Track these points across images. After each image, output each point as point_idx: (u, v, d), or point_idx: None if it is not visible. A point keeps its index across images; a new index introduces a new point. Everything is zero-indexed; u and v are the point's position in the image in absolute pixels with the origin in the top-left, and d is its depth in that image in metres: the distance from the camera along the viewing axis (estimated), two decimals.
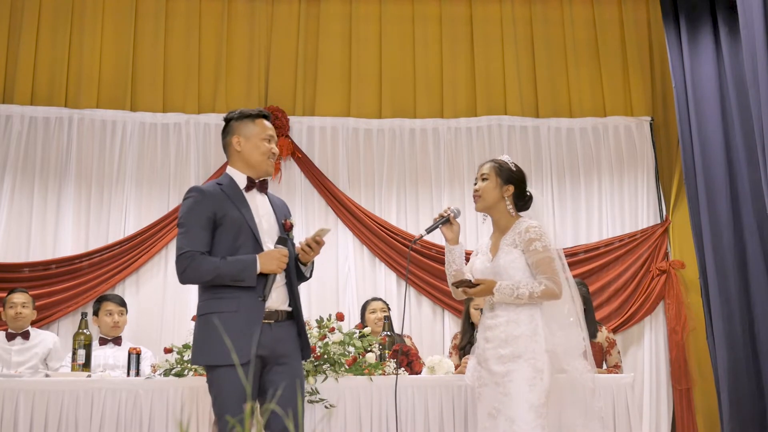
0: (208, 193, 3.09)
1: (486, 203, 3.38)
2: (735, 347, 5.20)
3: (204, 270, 2.99)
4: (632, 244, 5.92)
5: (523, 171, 3.45)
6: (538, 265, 3.23)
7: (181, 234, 3.05)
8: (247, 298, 3.00)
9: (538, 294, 3.19)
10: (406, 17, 6.29)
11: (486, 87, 6.22)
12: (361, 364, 3.90)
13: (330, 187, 5.90)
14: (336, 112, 6.08)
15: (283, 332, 3.10)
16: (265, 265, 3.01)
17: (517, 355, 3.16)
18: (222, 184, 3.15)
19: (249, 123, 3.21)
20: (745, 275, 5.30)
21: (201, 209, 3.05)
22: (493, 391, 3.21)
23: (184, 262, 3.00)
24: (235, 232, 3.05)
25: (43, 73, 5.87)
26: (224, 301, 3.00)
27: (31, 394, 3.68)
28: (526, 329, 3.20)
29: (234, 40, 6.13)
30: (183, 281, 3.06)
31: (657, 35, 6.31)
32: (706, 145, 5.53)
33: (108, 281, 5.54)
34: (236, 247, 3.04)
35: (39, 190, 5.68)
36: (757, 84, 4.51)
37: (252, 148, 3.18)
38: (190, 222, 3.04)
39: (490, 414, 3.20)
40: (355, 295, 5.75)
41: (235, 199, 3.11)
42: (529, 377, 3.13)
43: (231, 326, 2.94)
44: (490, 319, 3.30)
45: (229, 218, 3.05)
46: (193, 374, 3.84)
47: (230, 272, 2.98)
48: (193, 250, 3.00)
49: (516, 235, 3.29)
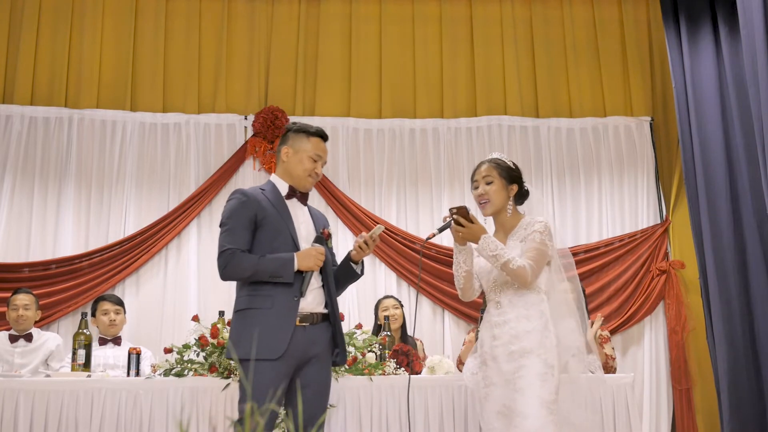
0: (251, 195, 3.21)
1: (495, 207, 3.31)
2: (735, 347, 5.20)
3: (244, 266, 3.09)
4: (632, 244, 5.92)
5: (519, 167, 3.40)
6: (529, 251, 3.17)
7: (224, 233, 3.17)
8: (283, 296, 3.10)
9: (513, 267, 3.10)
10: (406, 17, 6.29)
11: (486, 87, 6.22)
12: (361, 364, 3.90)
13: (330, 187, 5.90)
14: (336, 112, 6.08)
15: (317, 334, 3.18)
16: (303, 261, 3.12)
17: (528, 351, 3.10)
18: (265, 190, 3.27)
19: (303, 138, 3.31)
20: (745, 275, 5.30)
21: (244, 210, 3.16)
22: (503, 390, 3.14)
23: (225, 258, 3.11)
24: (274, 234, 3.17)
25: (43, 73, 5.87)
26: (260, 298, 3.10)
27: (31, 394, 3.68)
28: (538, 324, 3.14)
29: (234, 40, 6.13)
30: (224, 277, 3.17)
31: (657, 35, 6.31)
32: (706, 145, 5.53)
33: (108, 281, 5.54)
34: (274, 248, 3.15)
35: (39, 190, 5.68)
36: (757, 84, 4.52)
37: (297, 162, 3.29)
38: (233, 221, 3.16)
39: (500, 413, 3.13)
40: (355, 295, 5.75)
41: (276, 205, 3.23)
42: (540, 372, 3.07)
43: (265, 322, 3.04)
44: (497, 317, 3.22)
45: (269, 221, 3.17)
46: (193, 374, 3.84)
47: (269, 268, 3.09)
48: (235, 247, 3.11)
49: (523, 230, 3.26)
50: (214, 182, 5.81)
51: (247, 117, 5.97)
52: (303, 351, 3.11)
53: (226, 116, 5.96)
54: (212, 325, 3.93)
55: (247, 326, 3.07)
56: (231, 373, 3.77)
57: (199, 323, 3.99)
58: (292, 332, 3.06)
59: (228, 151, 5.91)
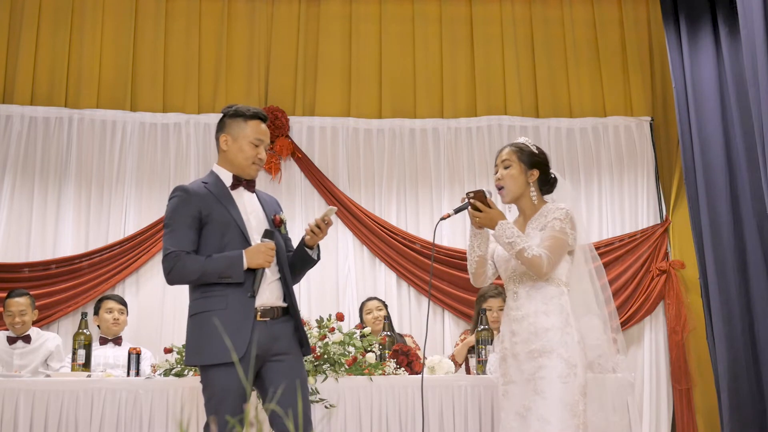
0: (194, 191, 3.03)
1: (513, 194, 3.13)
2: (735, 347, 5.20)
3: (190, 269, 2.94)
4: (632, 244, 5.92)
5: (545, 152, 3.20)
6: (547, 239, 2.99)
7: (167, 234, 3.00)
8: (237, 295, 2.94)
9: (528, 256, 2.92)
10: (406, 17, 6.29)
11: (486, 87, 6.22)
12: (361, 364, 3.90)
13: (330, 187, 5.90)
14: (336, 112, 6.08)
15: (280, 329, 3.03)
16: (252, 259, 2.94)
17: (548, 350, 2.92)
18: (207, 183, 3.08)
19: (241, 122, 3.10)
20: (745, 275, 5.30)
21: (187, 208, 2.99)
22: (523, 389, 2.96)
23: (170, 262, 2.96)
24: (222, 230, 2.99)
25: (43, 73, 5.88)
26: (213, 300, 2.94)
27: (31, 394, 3.68)
28: (557, 320, 2.95)
29: (234, 40, 6.13)
30: (170, 282, 3.02)
31: (657, 35, 6.31)
32: (706, 145, 5.53)
33: (108, 281, 5.54)
34: (223, 245, 2.98)
35: (39, 190, 5.68)
36: (757, 84, 4.51)
37: (237, 151, 3.09)
38: (176, 221, 2.99)
39: (518, 413, 2.96)
40: (355, 295, 5.75)
41: (221, 198, 3.04)
42: (562, 374, 2.88)
43: (222, 324, 2.87)
44: (515, 310, 3.05)
45: (215, 217, 3.00)
46: (193, 374, 3.84)
47: (216, 269, 2.93)
48: (179, 249, 2.95)
49: (543, 217, 3.07)
50: None
51: None
52: (266, 348, 2.96)
53: None
54: None
55: (203, 330, 2.91)
56: None
57: None
58: (251, 329, 2.90)
59: None
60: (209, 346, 2.89)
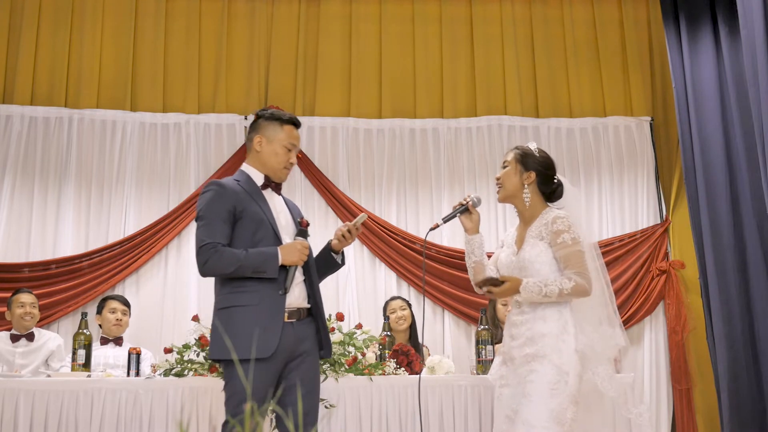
0: (229, 187, 3.07)
1: (506, 192, 3.16)
2: (735, 347, 5.20)
3: (226, 261, 2.95)
4: (632, 244, 5.92)
5: (549, 157, 3.18)
6: (568, 259, 2.98)
7: (202, 226, 3.01)
8: (269, 291, 2.98)
9: (569, 291, 2.93)
10: (406, 17, 6.29)
11: (486, 87, 6.22)
12: (361, 364, 3.90)
13: (330, 187, 5.91)
14: (336, 112, 6.08)
15: (304, 330, 3.07)
16: (287, 256, 2.99)
17: (542, 355, 2.92)
18: (240, 181, 3.13)
19: (276, 126, 3.17)
20: (745, 275, 5.30)
21: (221, 202, 3.02)
22: (514, 392, 3.00)
23: (206, 253, 2.96)
24: (255, 226, 3.03)
25: (43, 73, 5.87)
26: (245, 295, 2.97)
27: (31, 394, 3.68)
28: (554, 327, 2.96)
29: (234, 40, 6.13)
30: (204, 273, 3.02)
31: (657, 35, 6.31)
32: (706, 145, 5.53)
33: (108, 281, 5.54)
34: (255, 242, 3.02)
35: (39, 190, 5.67)
36: (757, 84, 4.52)
37: (271, 153, 3.15)
38: (211, 214, 3.01)
39: (508, 416, 2.99)
40: (355, 295, 5.75)
41: (254, 195, 3.09)
42: (551, 380, 2.88)
43: (253, 320, 2.92)
44: (517, 316, 3.08)
45: (248, 213, 3.03)
46: (193, 374, 3.84)
47: (252, 264, 2.95)
48: (215, 241, 2.97)
49: (542, 226, 3.06)
50: None
51: (247, 117, 5.97)
52: (292, 349, 3.00)
53: (226, 116, 5.96)
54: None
55: (233, 325, 2.93)
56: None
57: (199, 323, 3.99)
58: (281, 329, 2.95)
59: (228, 151, 5.91)
60: (238, 340, 2.89)
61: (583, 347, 2.97)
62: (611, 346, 3.09)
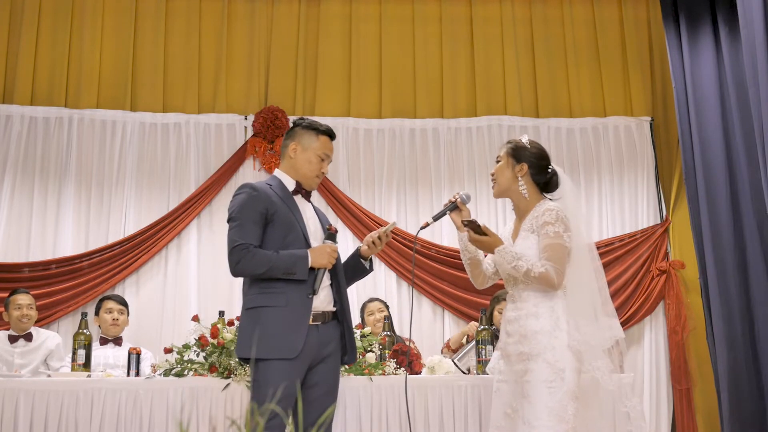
0: (262, 190, 3.14)
1: (500, 187, 3.16)
2: (735, 347, 5.20)
3: (258, 262, 3.01)
4: (632, 244, 5.92)
5: (541, 148, 3.18)
6: (545, 249, 2.98)
7: (234, 227, 3.08)
8: (297, 293, 3.04)
9: (535, 274, 2.94)
10: (406, 17, 6.29)
11: (486, 87, 6.22)
12: (361, 364, 3.90)
13: (330, 187, 5.90)
14: (336, 112, 6.08)
15: (328, 334, 3.14)
16: (317, 259, 3.06)
17: (536, 354, 2.92)
18: (272, 185, 3.20)
19: (312, 135, 3.25)
20: (745, 275, 5.30)
21: (254, 205, 3.09)
22: (512, 389, 3.01)
23: (238, 254, 3.03)
24: (285, 230, 3.10)
25: (43, 73, 5.87)
26: (274, 296, 3.03)
27: (31, 394, 3.68)
28: (546, 323, 2.95)
29: (234, 40, 6.13)
30: (236, 273, 3.09)
31: (657, 35, 6.31)
32: (706, 145, 5.53)
33: (108, 281, 5.54)
34: (286, 245, 3.09)
35: (39, 190, 5.68)
36: (757, 84, 4.52)
37: (304, 161, 3.23)
38: (243, 216, 3.08)
39: (506, 413, 3.01)
40: (355, 295, 5.73)
41: (286, 200, 3.17)
42: (547, 379, 2.88)
43: (281, 321, 2.99)
44: (512, 311, 3.07)
45: (279, 216, 3.10)
46: (193, 374, 3.84)
47: (283, 265, 3.02)
48: (247, 242, 3.03)
49: (534, 219, 3.06)
50: (214, 182, 5.81)
51: (247, 117, 5.97)
52: (316, 351, 3.07)
53: (226, 116, 5.96)
54: (212, 325, 3.93)
55: (260, 324, 2.99)
56: (231, 373, 3.77)
57: (199, 323, 3.99)
58: (307, 331, 3.01)
59: (228, 151, 5.91)
60: (266, 340, 2.95)
61: (576, 343, 2.94)
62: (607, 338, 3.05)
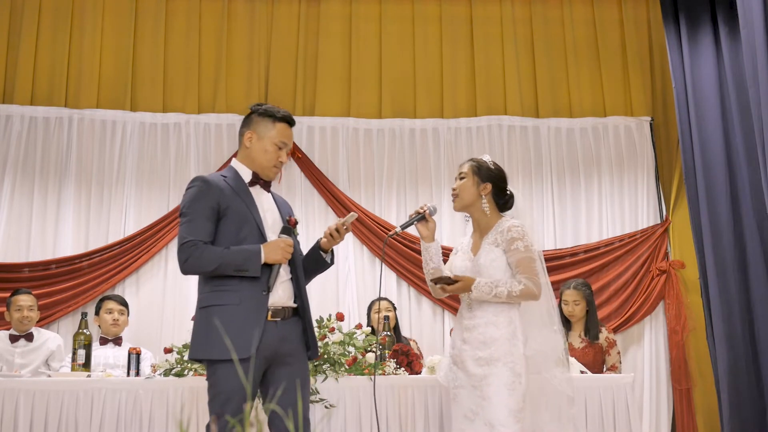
0: (214, 183, 3.01)
1: (463, 202, 3.37)
2: (735, 347, 5.20)
3: (207, 259, 2.90)
4: (632, 244, 5.92)
5: (502, 170, 3.41)
6: (519, 265, 3.21)
7: (184, 223, 2.96)
8: (251, 291, 2.92)
9: (517, 293, 3.17)
10: (406, 17, 6.29)
11: (486, 87, 6.22)
12: (361, 364, 3.90)
13: (330, 187, 5.90)
14: (336, 112, 6.08)
15: (289, 330, 3.01)
16: (270, 254, 2.93)
17: (495, 359, 3.14)
18: (226, 177, 3.07)
19: (268, 122, 3.11)
20: (745, 275, 5.30)
21: (205, 199, 2.96)
22: (470, 394, 3.18)
23: (187, 251, 2.91)
24: (239, 224, 2.97)
25: (43, 73, 5.87)
26: (226, 294, 2.91)
27: (31, 394, 3.68)
28: (505, 332, 3.18)
29: (234, 40, 6.13)
30: (185, 271, 2.97)
31: (657, 35, 6.31)
32: (706, 145, 5.53)
33: (108, 281, 5.54)
34: (240, 240, 2.96)
35: (39, 190, 5.68)
36: (757, 83, 4.52)
37: (260, 150, 3.10)
38: (194, 211, 2.96)
39: (466, 416, 3.18)
40: (355, 295, 5.75)
41: (240, 192, 3.03)
42: (508, 381, 3.11)
43: (233, 320, 2.86)
44: (468, 320, 3.27)
45: (233, 210, 2.98)
46: (193, 374, 3.84)
47: (234, 261, 2.90)
48: (197, 239, 2.92)
49: (498, 234, 3.27)
50: None
51: None
52: (274, 349, 2.94)
53: (226, 116, 5.96)
54: None
55: (212, 324, 2.85)
56: None
57: None
58: (262, 329, 2.88)
59: (228, 151, 5.91)
60: (218, 341, 2.84)
61: (532, 353, 3.20)
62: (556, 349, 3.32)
